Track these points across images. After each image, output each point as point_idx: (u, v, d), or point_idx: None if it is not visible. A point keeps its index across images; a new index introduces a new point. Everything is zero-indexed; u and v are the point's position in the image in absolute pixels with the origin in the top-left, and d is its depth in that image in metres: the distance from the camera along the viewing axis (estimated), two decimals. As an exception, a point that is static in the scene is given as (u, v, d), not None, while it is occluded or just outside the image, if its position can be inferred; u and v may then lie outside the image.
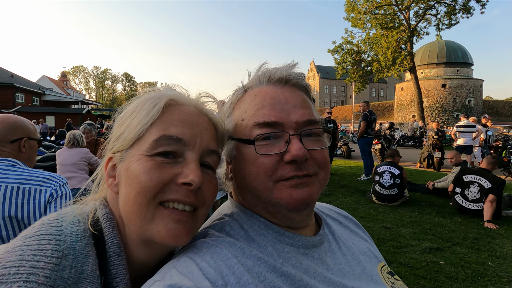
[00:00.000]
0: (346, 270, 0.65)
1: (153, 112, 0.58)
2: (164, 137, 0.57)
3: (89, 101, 46.81)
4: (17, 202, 1.36)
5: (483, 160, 5.48)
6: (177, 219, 0.56)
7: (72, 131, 4.31)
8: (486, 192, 5.01)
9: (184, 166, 0.57)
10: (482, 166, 5.39)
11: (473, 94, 41.90)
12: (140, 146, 0.58)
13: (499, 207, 5.05)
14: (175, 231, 0.55)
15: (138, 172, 0.55)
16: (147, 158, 0.56)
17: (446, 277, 3.23)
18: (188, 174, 0.55)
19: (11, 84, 31.50)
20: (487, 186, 5.04)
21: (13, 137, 1.50)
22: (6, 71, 36.68)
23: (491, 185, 5.01)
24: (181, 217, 0.56)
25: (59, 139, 13.56)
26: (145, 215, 0.55)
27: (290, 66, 0.69)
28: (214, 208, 4.01)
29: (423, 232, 4.52)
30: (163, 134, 0.57)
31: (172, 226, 0.55)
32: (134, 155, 0.58)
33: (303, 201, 0.60)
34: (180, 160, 0.58)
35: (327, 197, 6.55)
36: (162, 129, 0.57)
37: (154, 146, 0.56)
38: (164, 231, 0.55)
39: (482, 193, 5.07)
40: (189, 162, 0.57)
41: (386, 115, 53.45)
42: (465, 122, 9.96)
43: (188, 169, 0.56)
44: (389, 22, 26.92)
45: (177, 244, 0.56)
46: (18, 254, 0.48)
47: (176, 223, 0.55)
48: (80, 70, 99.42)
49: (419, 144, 18.72)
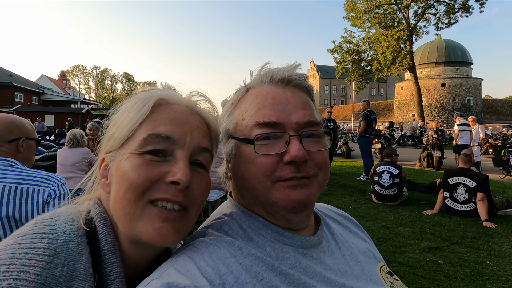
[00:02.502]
0: (345, 269, 0.65)
1: (142, 112, 0.58)
2: (152, 135, 0.57)
3: (88, 101, 46.74)
4: (15, 202, 1.35)
5: (459, 161, 5.50)
6: (164, 218, 0.55)
7: (72, 130, 4.30)
8: (474, 191, 5.05)
9: (172, 164, 0.57)
10: (461, 165, 5.41)
11: (472, 93, 41.95)
12: (130, 145, 0.58)
13: (492, 203, 5.07)
14: (162, 230, 0.55)
15: (126, 169, 0.56)
16: (136, 156, 0.56)
17: (445, 276, 3.23)
18: (176, 172, 0.55)
19: (10, 83, 31.44)
20: (472, 185, 5.07)
21: (11, 137, 1.50)
22: (5, 70, 36.61)
23: (476, 183, 5.04)
24: (169, 216, 0.56)
25: (59, 139, 13.57)
26: (134, 212, 0.55)
27: (292, 66, 0.69)
28: (213, 209, 4.00)
29: (422, 232, 4.53)
30: (151, 132, 0.57)
31: (159, 225, 0.55)
32: (124, 154, 0.58)
33: (301, 202, 0.59)
34: (170, 158, 0.58)
35: (326, 197, 6.56)
36: (151, 128, 0.58)
37: (142, 145, 0.57)
38: (151, 229, 0.55)
39: (470, 193, 5.10)
40: (178, 160, 0.57)
41: (386, 114, 53.52)
42: (461, 121, 9.97)
43: (177, 168, 0.56)
44: (388, 21, 26.90)
45: (164, 244, 0.56)
46: (9, 252, 0.48)
47: (163, 221, 0.55)
48: (79, 69, 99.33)
49: (419, 144, 18.75)
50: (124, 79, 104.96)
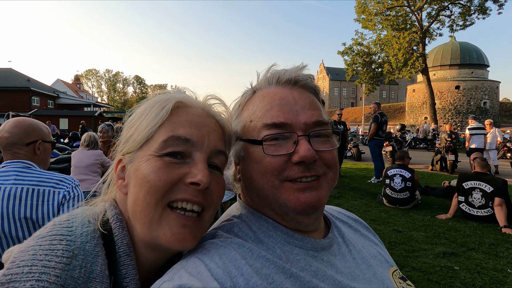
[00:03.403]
0: (356, 273, 0.64)
1: (161, 114, 0.59)
2: (172, 137, 0.58)
3: (101, 104, 47.73)
4: (32, 204, 1.39)
5: (475, 165, 5.35)
6: (183, 223, 0.56)
7: (89, 132, 4.38)
8: (491, 196, 4.89)
9: (192, 166, 0.58)
10: (477, 170, 5.26)
11: (488, 96, 40.93)
12: (149, 147, 0.59)
13: (510, 208, 4.90)
14: (181, 235, 0.56)
15: (147, 172, 0.56)
16: (156, 158, 0.57)
17: (462, 283, 3.14)
18: (196, 174, 0.56)
19: (28, 88, 32.39)
20: (489, 190, 4.92)
21: (28, 140, 1.54)
22: (23, 75, 37.70)
23: (493, 188, 4.89)
24: (187, 222, 0.57)
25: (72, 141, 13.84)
26: (153, 215, 0.56)
27: (299, 68, 0.69)
28: (223, 209, 4.01)
29: (436, 236, 4.42)
30: (171, 134, 0.58)
31: (178, 230, 0.56)
32: (143, 156, 0.59)
33: (311, 204, 0.59)
34: (188, 160, 0.58)
35: (336, 200, 6.49)
36: (171, 130, 0.59)
37: (162, 147, 0.57)
38: (170, 234, 0.56)
39: (486, 198, 4.95)
40: (197, 162, 0.58)
41: (397, 117, 52.74)
42: (475, 124, 9.72)
43: (196, 169, 0.57)
44: (400, 24, 26.54)
45: (182, 248, 0.57)
46: (31, 254, 0.50)
47: (182, 227, 0.56)
48: (92, 73, 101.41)
49: (431, 147, 18.39)
50: (136, 82, 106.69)
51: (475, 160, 5.47)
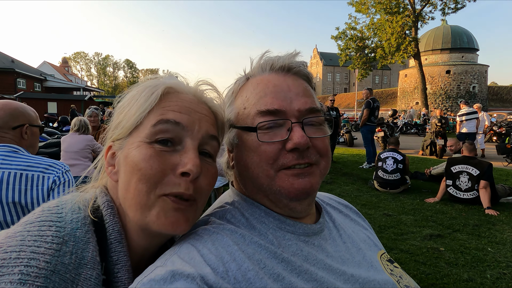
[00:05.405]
0: (346, 257, 0.66)
1: (150, 100, 0.58)
2: (161, 121, 0.57)
3: (91, 88, 46.55)
4: (20, 188, 1.37)
5: (464, 148, 5.47)
6: (176, 207, 0.56)
7: (80, 117, 4.28)
8: (477, 179, 5.05)
9: (182, 154, 0.57)
10: (465, 154, 5.39)
11: (477, 81, 41.34)
12: (138, 133, 0.58)
13: (494, 190, 5.08)
14: (174, 218, 0.55)
15: (137, 159, 0.55)
16: (146, 145, 0.56)
17: (446, 263, 3.27)
18: (186, 163, 0.55)
19: (12, 69, 31.26)
20: (476, 173, 5.07)
21: (15, 124, 1.50)
22: (7, 56, 36.36)
23: (479, 171, 5.04)
24: (180, 205, 0.56)
25: (62, 126, 13.61)
26: (146, 202, 0.55)
27: (292, 55, 0.69)
28: (216, 196, 4.04)
29: (424, 219, 4.55)
30: (161, 118, 0.57)
31: (171, 214, 0.55)
32: (133, 143, 0.58)
33: (304, 190, 0.60)
34: (179, 148, 0.57)
35: (329, 185, 6.59)
36: (160, 114, 0.57)
37: (152, 132, 0.56)
38: (163, 218, 0.55)
39: (472, 181, 5.10)
40: (187, 150, 0.57)
41: (389, 102, 53.05)
42: (466, 109, 9.82)
43: (187, 158, 0.56)
44: (393, 7, 26.32)
45: (175, 232, 0.57)
46: (19, 240, 0.49)
47: (175, 211, 0.56)
48: (81, 56, 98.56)
49: (422, 132, 18.65)
50: (126, 66, 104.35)
51: (463, 144, 5.58)
